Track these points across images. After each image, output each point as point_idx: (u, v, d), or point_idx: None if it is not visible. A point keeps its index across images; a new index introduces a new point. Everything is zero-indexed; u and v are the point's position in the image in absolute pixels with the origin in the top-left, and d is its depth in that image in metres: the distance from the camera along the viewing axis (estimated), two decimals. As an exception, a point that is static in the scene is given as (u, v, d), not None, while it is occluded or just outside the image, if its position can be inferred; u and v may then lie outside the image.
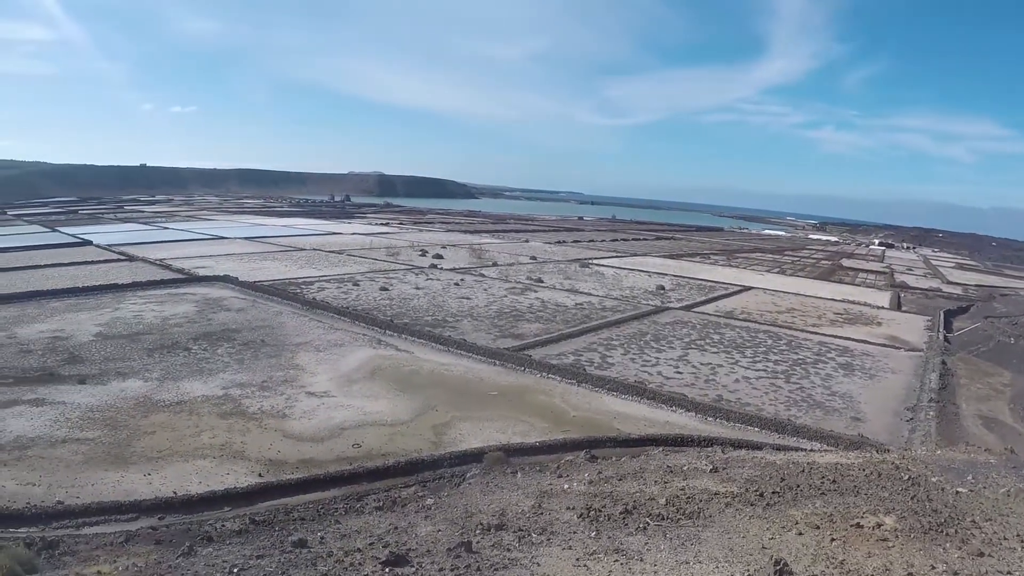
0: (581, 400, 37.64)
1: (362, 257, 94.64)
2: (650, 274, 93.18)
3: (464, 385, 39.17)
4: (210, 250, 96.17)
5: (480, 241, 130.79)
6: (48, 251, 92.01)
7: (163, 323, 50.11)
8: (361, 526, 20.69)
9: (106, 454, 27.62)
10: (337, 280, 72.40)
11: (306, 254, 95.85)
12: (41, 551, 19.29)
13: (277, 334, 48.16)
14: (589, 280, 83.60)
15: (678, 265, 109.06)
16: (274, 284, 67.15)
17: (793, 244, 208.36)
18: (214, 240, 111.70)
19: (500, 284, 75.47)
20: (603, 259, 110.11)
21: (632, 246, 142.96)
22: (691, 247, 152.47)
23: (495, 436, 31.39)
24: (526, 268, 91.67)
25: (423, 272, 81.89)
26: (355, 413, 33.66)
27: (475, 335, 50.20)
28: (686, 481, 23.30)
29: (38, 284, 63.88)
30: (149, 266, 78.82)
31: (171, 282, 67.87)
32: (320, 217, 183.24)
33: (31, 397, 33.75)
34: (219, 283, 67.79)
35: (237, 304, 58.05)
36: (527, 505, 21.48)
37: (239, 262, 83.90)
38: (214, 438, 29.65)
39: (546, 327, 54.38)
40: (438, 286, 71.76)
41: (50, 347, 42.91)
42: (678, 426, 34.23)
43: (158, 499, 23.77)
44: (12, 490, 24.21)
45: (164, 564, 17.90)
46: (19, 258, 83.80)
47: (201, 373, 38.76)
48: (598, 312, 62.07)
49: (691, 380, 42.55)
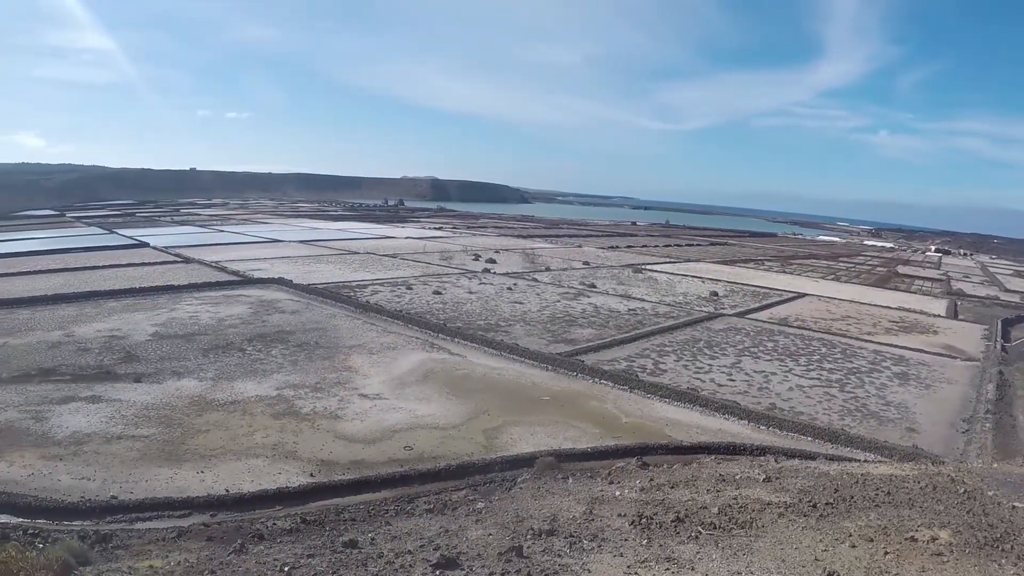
0: (633, 406, 37.29)
1: (415, 261, 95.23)
2: (703, 280, 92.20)
3: (516, 389, 39.06)
4: (265, 253, 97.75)
5: (533, 246, 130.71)
6: (106, 252, 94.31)
7: (218, 324, 50.91)
8: (411, 528, 20.70)
9: (160, 451, 28.07)
10: (391, 283, 72.91)
11: (360, 257, 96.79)
12: (94, 544, 19.62)
13: (331, 336, 48.57)
14: (642, 285, 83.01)
15: (732, 271, 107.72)
16: (328, 287, 67.79)
17: (848, 250, 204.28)
18: (269, 243, 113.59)
19: (553, 289, 75.27)
20: (656, 264, 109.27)
21: (685, 251, 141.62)
22: (745, 253, 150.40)
23: (546, 441, 31.21)
24: (579, 273, 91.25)
25: (476, 276, 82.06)
26: (407, 416, 33.74)
27: (527, 339, 50.09)
28: (739, 490, 22.92)
29: (96, 284, 65.43)
30: (205, 268, 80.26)
31: (226, 284, 68.99)
32: (374, 221, 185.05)
33: (88, 394, 34.52)
34: (274, 285, 68.70)
35: (291, 306, 58.72)
36: (578, 511, 21.30)
37: (293, 265, 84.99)
38: (267, 438, 29.95)
39: (599, 332, 54.08)
40: (491, 290, 71.86)
41: (107, 346, 43.86)
42: (730, 434, 33.71)
43: (210, 496, 24.06)
44: (67, 484, 24.77)
45: (215, 560, 18.08)
46: (78, 259, 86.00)
47: (255, 374, 39.24)
48: (651, 318, 61.56)
49: (744, 388, 41.96)
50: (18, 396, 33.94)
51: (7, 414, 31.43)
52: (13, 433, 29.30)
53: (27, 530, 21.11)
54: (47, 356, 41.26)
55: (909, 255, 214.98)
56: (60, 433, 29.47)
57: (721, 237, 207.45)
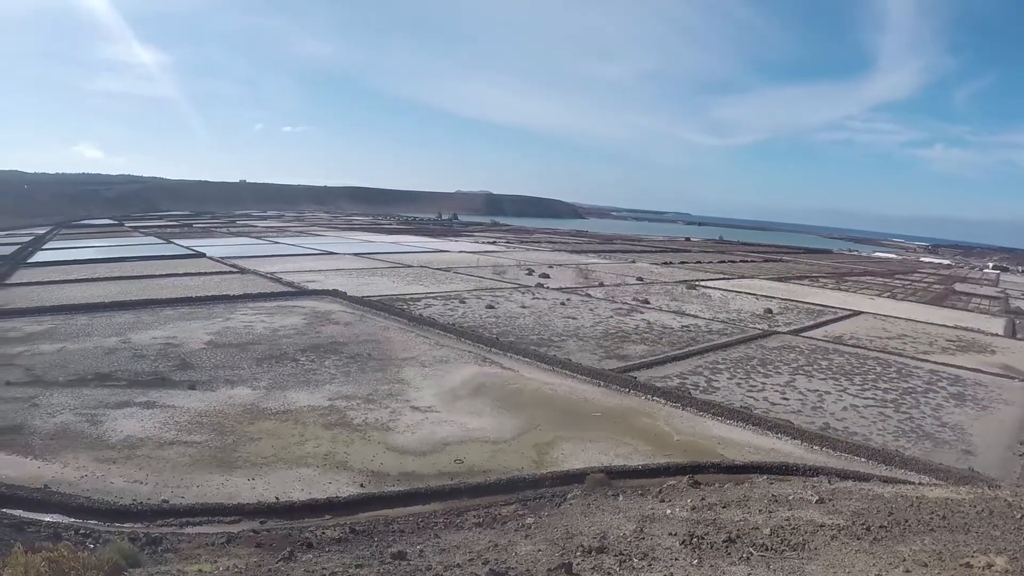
0: (685, 424, 36.84)
1: (469, 275, 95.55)
2: (757, 297, 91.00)
3: (568, 405, 38.83)
4: (319, 265, 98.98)
5: (587, 261, 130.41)
6: (163, 262, 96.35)
7: (272, 334, 51.52)
8: (461, 541, 20.57)
9: (212, 458, 28.42)
10: (444, 297, 73.18)
11: (413, 271, 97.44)
12: (145, 547, 19.86)
13: (384, 348, 48.83)
14: (696, 302, 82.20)
15: (786, 288, 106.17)
16: (382, 299, 68.30)
17: (904, 267, 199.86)
18: (324, 255, 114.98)
19: (606, 305, 74.93)
20: (710, 281, 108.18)
21: (739, 268, 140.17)
22: (799, 269, 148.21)
23: (597, 457, 30.94)
24: (632, 289, 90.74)
25: (529, 291, 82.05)
26: (458, 429, 33.72)
27: (580, 355, 49.83)
28: (791, 511, 22.41)
29: (153, 293, 66.81)
30: (260, 279, 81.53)
31: (281, 295, 69.96)
32: (428, 235, 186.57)
33: (143, 400, 35.16)
34: (328, 297, 69.41)
35: (345, 318, 59.22)
36: (629, 529, 20.98)
37: (348, 277, 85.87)
38: (318, 447, 30.15)
39: (652, 349, 53.62)
40: (544, 305, 71.73)
41: (162, 353, 44.64)
42: (783, 454, 33.13)
43: (261, 504, 24.25)
44: (120, 487, 25.19)
45: (264, 567, 18.11)
46: (135, 268, 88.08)
47: (308, 384, 39.60)
48: (704, 335, 60.88)
49: (798, 407, 41.24)
50: (74, 400, 34.74)
51: (63, 417, 32.18)
52: (68, 435, 29.98)
53: (79, 530, 21.51)
54: (103, 361, 42.16)
55: (966, 272, 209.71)
56: (114, 437, 30.05)
57: (775, 253, 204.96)
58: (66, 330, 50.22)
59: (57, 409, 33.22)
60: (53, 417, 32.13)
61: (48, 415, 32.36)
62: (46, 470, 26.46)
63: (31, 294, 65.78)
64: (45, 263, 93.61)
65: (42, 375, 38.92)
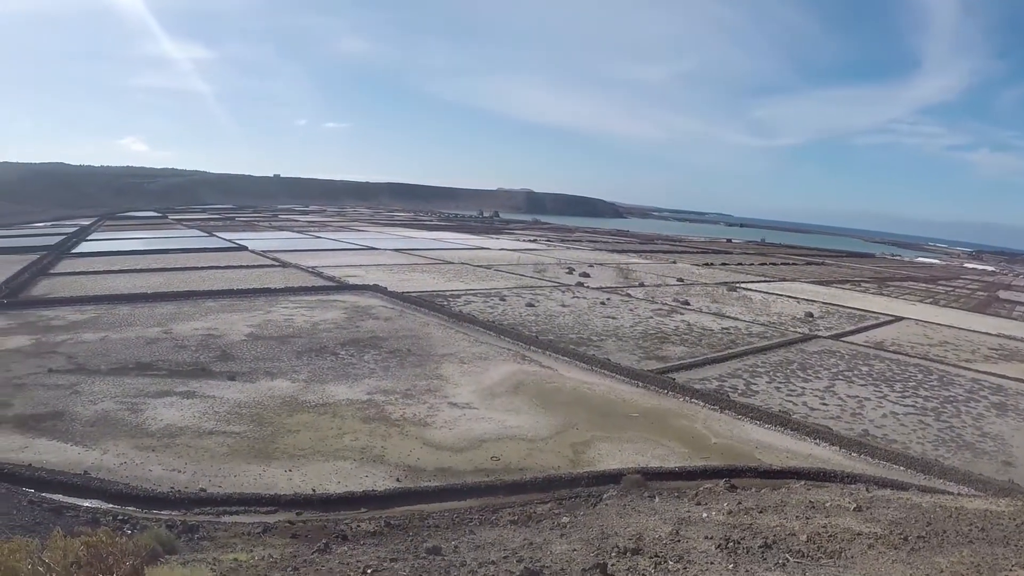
0: (723, 427, 36.54)
1: (509, 273, 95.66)
2: (799, 300, 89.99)
3: (606, 405, 38.70)
4: (360, 260, 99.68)
5: (627, 261, 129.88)
6: (205, 254, 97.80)
7: (313, 328, 51.97)
8: (495, 538, 20.56)
9: (250, 448, 28.75)
10: (484, 294, 73.34)
11: (454, 267, 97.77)
12: (181, 534, 20.14)
13: (423, 344, 49.03)
14: (736, 304, 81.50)
15: (827, 292, 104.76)
16: (422, 295, 68.65)
17: (947, 273, 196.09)
18: (365, 250, 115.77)
19: (646, 305, 74.60)
20: (751, 283, 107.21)
21: (781, 270, 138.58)
22: (841, 273, 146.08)
23: (634, 458, 30.82)
24: (673, 290, 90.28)
25: (569, 290, 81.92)
26: (495, 426, 33.76)
27: (619, 355, 49.64)
28: (828, 518, 22.14)
29: (195, 285, 67.86)
30: (301, 273, 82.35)
31: (322, 289, 70.67)
32: (469, 232, 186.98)
33: (183, 389, 35.68)
34: (368, 292, 69.91)
35: (385, 313, 59.57)
36: (664, 531, 20.84)
37: (388, 273, 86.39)
38: (355, 441, 30.36)
39: (691, 351, 53.28)
40: (584, 304, 71.59)
41: (203, 344, 45.25)
42: (821, 460, 32.73)
43: (297, 495, 24.53)
44: (158, 474, 25.60)
45: (299, 558, 18.25)
46: (178, 260, 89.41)
47: (347, 378, 39.87)
48: (744, 337, 60.35)
49: (837, 413, 40.71)
50: (115, 388, 35.35)
51: (104, 405, 32.77)
52: (108, 423, 30.54)
53: (117, 516, 21.88)
54: (145, 351, 42.84)
55: (1011, 279, 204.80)
56: (154, 425, 30.56)
57: (817, 257, 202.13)
58: (109, 319, 51.12)
59: (98, 397, 33.86)
60: (94, 404, 32.76)
61: (89, 402, 33.00)
62: (86, 456, 26.99)
63: (75, 283, 67.12)
64: (89, 253, 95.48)
65: (84, 363, 39.66)
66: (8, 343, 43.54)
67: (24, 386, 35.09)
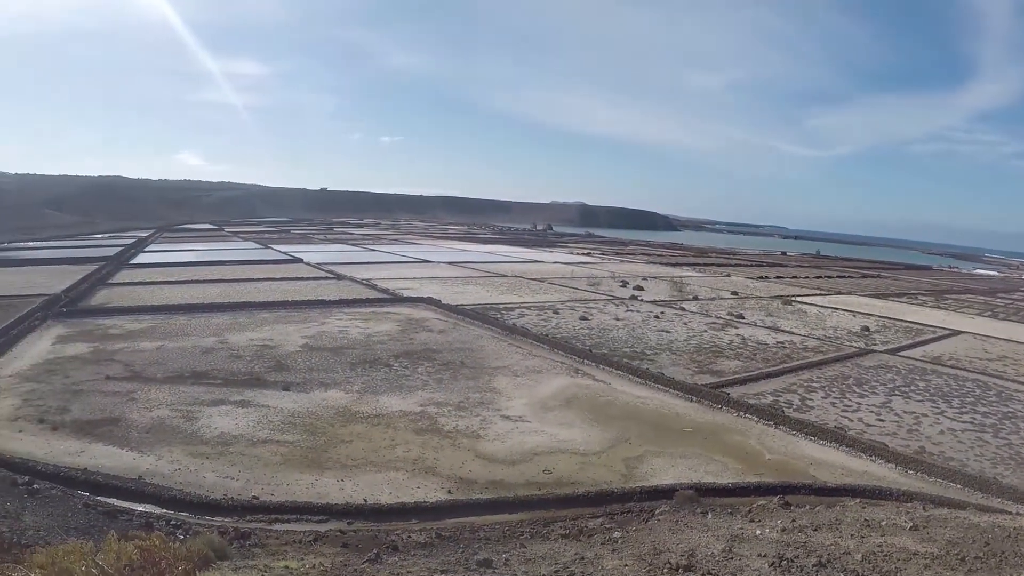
0: (777, 443, 35.91)
1: (563, 286, 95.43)
2: (855, 314, 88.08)
3: (659, 419, 38.31)
4: (414, 273, 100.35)
5: (681, 274, 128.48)
6: (261, 266, 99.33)
7: (367, 339, 52.35)
8: (546, 552, 20.41)
9: (303, 457, 28.98)
10: (537, 307, 73.24)
11: (507, 280, 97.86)
12: (233, 540, 20.32)
13: (476, 357, 49.08)
14: (791, 318, 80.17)
15: (884, 305, 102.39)
16: (475, 308, 68.76)
17: (1007, 285, 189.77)
18: (418, 263, 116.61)
19: (700, 319, 73.80)
20: (806, 296, 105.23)
21: (836, 283, 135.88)
22: (898, 286, 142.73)
23: (687, 474, 30.42)
24: (727, 303, 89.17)
25: (623, 303, 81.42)
26: (548, 439, 33.57)
27: (673, 369, 49.16)
28: (883, 537, 21.62)
29: (250, 296, 68.79)
30: (355, 285, 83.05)
31: (376, 301, 71.19)
32: (522, 245, 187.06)
33: (237, 398, 36.16)
34: (422, 304, 70.25)
35: (439, 325, 59.80)
36: (717, 548, 20.52)
37: (442, 285, 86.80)
38: (408, 452, 30.42)
39: (745, 365, 52.55)
40: (638, 318, 71.11)
41: (258, 354, 45.84)
42: (876, 477, 31.95)
43: (349, 505, 24.63)
44: (212, 481, 25.93)
45: (350, 567, 18.29)
46: (234, 271, 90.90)
47: (400, 389, 40.05)
48: (799, 352, 59.33)
49: (893, 429, 39.76)
50: (171, 396, 35.97)
51: (159, 412, 33.35)
52: (164, 430, 31.06)
53: (170, 521, 22.19)
54: (200, 360, 43.55)
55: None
56: (208, 433, 30.99)
57: (873, 269, 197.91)
58: (165, 329, 52.08)
59: (154, 404, 34.47)
60: (150, 411, 33.34)
61: (145, 409, 33.61)
62: (141, 462, 27.44)
63: (132, 293, 68.57)
64: (147, 264, 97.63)
65: (141, 371, 40.44)
66: (67, 350, 44.58)
67: (82, 392, 35.89)
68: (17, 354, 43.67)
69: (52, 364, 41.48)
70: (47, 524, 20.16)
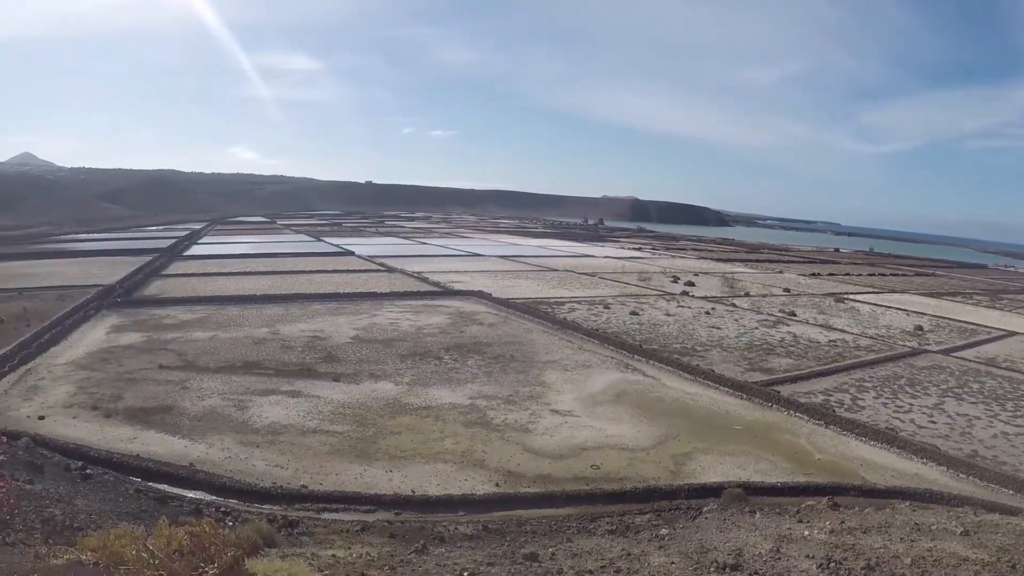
0: (827, 443, 35.32)
1: (614, 281, 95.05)
2: (908, 313, 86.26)
3: (708, 416, 37.96)
4: (465, 266, 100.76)
5: (733, 270, 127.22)
6: (313, 258, 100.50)
7: (417, 332, 52.67)
8: (593, 547, 20.37)
9: (352, 448, 29.25)
10: (588, 302, 73.01)
11: (558, 275, 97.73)
12: (281, 528, 20.61)
13: (526, 351, 49.07)
14: (843, 316, 78.76)
15: (937, 304, 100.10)
16: (526, 302, 68.72)
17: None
18: (469, 257, 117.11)
19: (751, 315, 72.92)
20: (859, 294, 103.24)
21: (890, 281, 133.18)
22: (952, 285, 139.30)
23: (735, 472, 30.08)
24: (779, 300, 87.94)
25: (674, 299, 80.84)
26: (596, 434, 33.44)
27: (723, 366, 48.66)
28: (933, 542, 21.17)
29: (302, 288, 69.53)
30: (406, 278, 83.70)
31: (427, 294, 71.63)
32: (573, 239, 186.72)
33: (288, 389, 36.61)
34: (473, 298, 70.53)
35: (489, 319, 59.94)
36: (765, 548, 20.28)
37: (493, 279, 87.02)
38: (456, 444, 30.53)
39: (796, 363, 51.79)
40: (688, 314, 70.55)
41: (309, 345, 46.36)
42: (928, 480, 31.25)
43: (397, 496, 24.82)
44: (261, 470, 26.30)
45: (397, 557, 18.41)
46: (286, 263, 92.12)
47: (450, 382, 40.20)
48: (851, 351, 58.29)
49: (945, 431, 38.84)
50: (223, 385, 36.57)
51: (212, 401, 33.92)
52: (215, 418, 31.60)
53: (220, 508, 22.57)
54: (252, 351, 44.16)
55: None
56: (259, 422, 31.45)
57: (927, 267, 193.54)
58: (218, 319, 52.92)
59: (206, 393, 35.08)
60: (202, 400, 33.96)
61: (197, 398, 34.24)
62: (192, 449, 27.96)
63: (186, 284, 69.86)
64: (200, 256, 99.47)
65: (193, 360, 41.14)
66: (122, 340, 45.54)
67: (135, 380, 36.68)
68: (73, 343, 44.72)
69: (106, 353, 42.41)
70: (99, 509, 20.56)
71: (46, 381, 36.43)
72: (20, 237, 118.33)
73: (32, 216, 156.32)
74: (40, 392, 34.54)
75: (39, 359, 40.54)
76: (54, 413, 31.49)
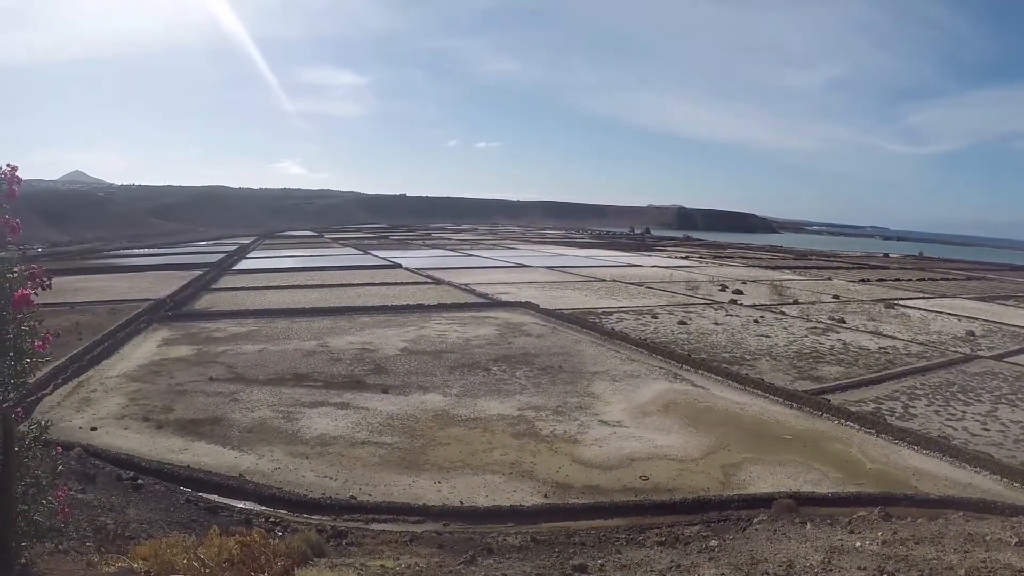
0: (878, 452, 34.64)
1: (661, 290, 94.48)
2: (959, 318, 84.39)
3: (758, 426, 37.48)
4: (512, 277, 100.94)
5: (781, 277, 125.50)
6: (361, 272, 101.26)
7: (465, 343, 52.80)
8: (642, 559, 20.18)
9: (400, 459, 29.37)
10: (635, 312, 72.67)
11: (605, 285, 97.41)
12: (330, 539, 20.72)
13: (574, 361, 48.95)
14: (894, 322, 77.35)
15: (989, 309, 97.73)
16: (574, 313, 68.57)
17: None
18: (516, 268, 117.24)
19: (801, 323, 71.98)
20: (909, 300, 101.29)
21: (940, 286, 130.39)
22: (1004, 288, 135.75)
23: (786, 482, 29.62)
24: (828, 307, 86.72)
25: (722, 307, 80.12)
26: (645, 445, 33.19)
27: (772, 375, 48.07)
28: (988, 553, 20.63)
29: (350, 301, 70.27)
30: (454, 290, 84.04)
31: (474, 306, 71.86)
32: (619, 249, 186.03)
33: (337, 400, 36.91)
34: (520, 309, 70.53)
35: (537, 330, 59.89)
36: (815, 559, 19.95)
37: (540, 290, 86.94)
38: (505, 455, 30.50)
39: (847, 371, 50.98)
40: (737, 322, 69.88)
41: (358, 357, 46.72)
42: (981, 489, 30.45)
43: (445, 507, 24.85)
44: (311, 480, 26.50)
45: (445, 568, 18.42)
46: (334, 277, 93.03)
47: (498, 393, 40.22)
48: (902, 358, 57.20)
49: (999, 439, 37.86)
50: (272, 397, 36.98)
51: (261, 412, 34.30)
52: (265, 430, 31.94)
53: (269, 518, 22.77)
54: (302, 363, 44.62)
55: None
56: (308, 433, 31.72)
57: (979, 271, 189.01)
58: (267, 332, 53.55)
59: (255, 405, 35.49)
60: (251, 412, 34.35)
61: (247, 410, 34.65)
62: (242, 460, 28.28)
63: (235, 298, 70.79)
64: (249, 270, 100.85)
65: (243, 373, 41.67)
66: (172, 352, 46.29)
67: (186, 392, 37.23)
68: (124, 355, 45.60)
69: (157, 365, 43.15)
70: (150, 518, 20.89)
71: (98, 393, 37.17)
72: (72, 252, 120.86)
73: (83, 232, 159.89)
74: (92, 404, 35.24)
75: (91, 371, 41.35)
76: (106, 424, 32.10)
